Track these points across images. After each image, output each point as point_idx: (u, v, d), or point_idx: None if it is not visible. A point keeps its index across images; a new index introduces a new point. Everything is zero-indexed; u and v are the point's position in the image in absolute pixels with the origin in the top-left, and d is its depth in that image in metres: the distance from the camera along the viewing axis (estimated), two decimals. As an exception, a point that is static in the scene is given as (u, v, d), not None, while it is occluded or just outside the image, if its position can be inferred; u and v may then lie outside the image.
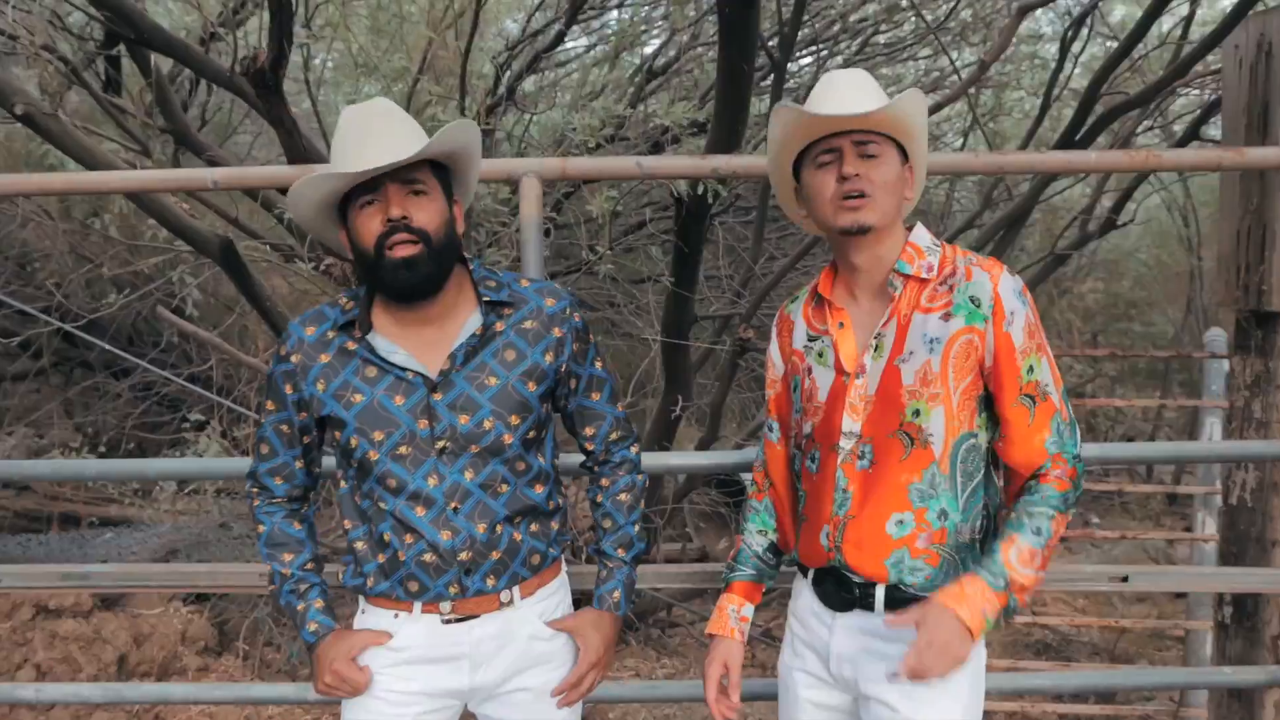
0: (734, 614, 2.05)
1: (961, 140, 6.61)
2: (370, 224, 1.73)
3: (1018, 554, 1.69)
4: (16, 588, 2.72)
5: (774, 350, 2.05)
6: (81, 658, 4.22)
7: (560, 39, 5.95)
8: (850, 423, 1.82)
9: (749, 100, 3.07)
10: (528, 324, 1.88)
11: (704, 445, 4.82)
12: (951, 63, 4.36)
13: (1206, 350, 4.29)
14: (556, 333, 1.90)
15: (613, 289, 6.68)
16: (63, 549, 5.36)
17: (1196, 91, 5.63)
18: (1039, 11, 6.19)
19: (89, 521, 6.16)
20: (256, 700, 2.85)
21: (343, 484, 1.93)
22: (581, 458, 2.11)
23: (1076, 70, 5.18)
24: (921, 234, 1.84)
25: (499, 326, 1.86)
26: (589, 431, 2.03)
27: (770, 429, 2.07)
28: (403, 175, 1.73)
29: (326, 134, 5.25)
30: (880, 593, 1.81)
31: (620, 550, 2.02)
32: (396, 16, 6.79)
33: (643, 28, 7.02)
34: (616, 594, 2.00)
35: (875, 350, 1.81)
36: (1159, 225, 9.29)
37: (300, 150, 2.87)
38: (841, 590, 1.85)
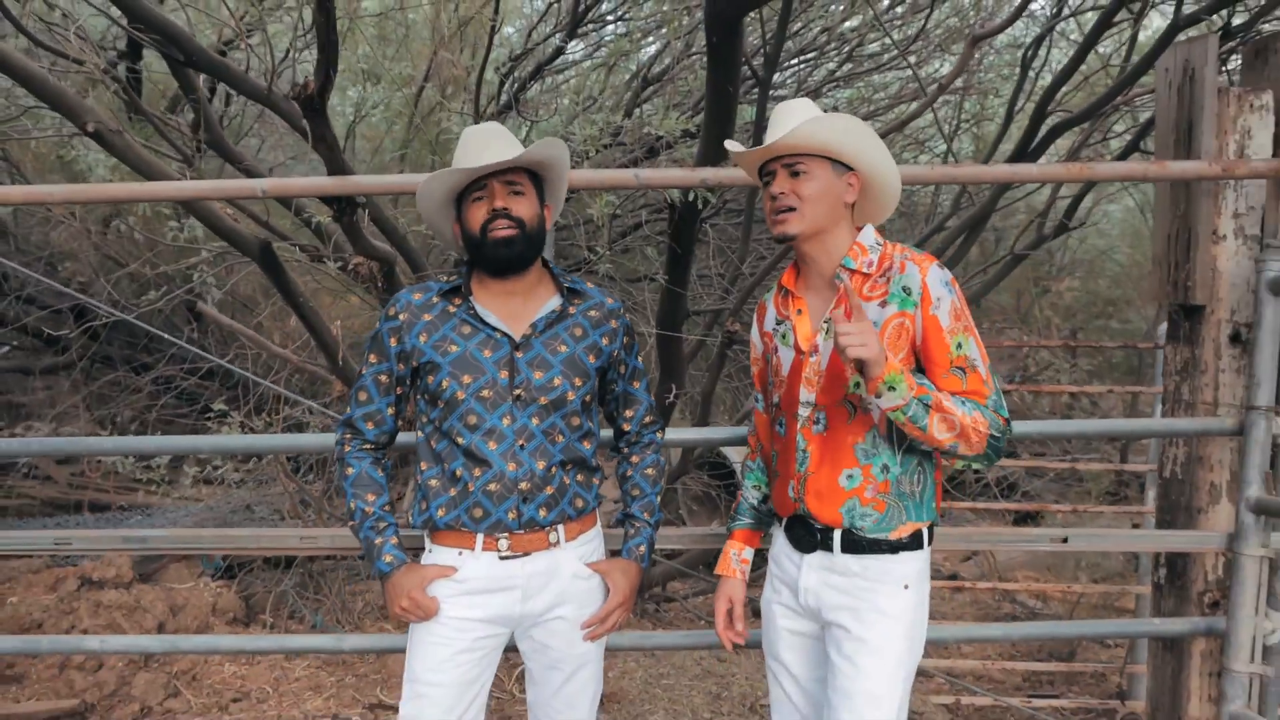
0: (735, 557, 2.46)
1: (946, 146, 6.94)
2: (478, 212, 2.22)
3: (946, 396, 2.02)
4: (86, 550, 3.05)
5: (754, 333, 2.44)
6: (125, 624, 4.55)
7: (560, 51, 6.25)
8: (806, 393, 2.19)
9: (734, 117, 3.41)
10: (592, 312, 2.35)
11: (696, 431, 5.13)
12: (917, 79, 4.70)
13: (1154, 342, 4.64)
14: (613, 324, 2.37)
15: (610, 287, 7.00)
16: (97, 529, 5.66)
17: (1140, 109, 5.94)
18: (1019, 21, 6.54)
19: (118, 506, 6.48)
20: (294, 650, 3.17)
21: (419, 434, 2.32)
22: (611, 437, 2.54)
23: (1044, 82, 5.51)
24: (868, 235, 2.19)
25: (571, 310, 2.32)
26: (628, 414, 2.48)
27: (757, 400, 2.47)
28: (506, 177, 2.23)
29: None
30: (838, 536, 2.17)
31: (646, 514, 2.46)
32: (402, 25, 7.11)
33: (639, 36, 7.31)
34: (642, 548, 2.43)
35: (826, 332, 2.18)
36: (1134, 226, 9.64)
37: (340, 164, 3.22)
38: (807, 534, 2.22)
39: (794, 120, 2.12)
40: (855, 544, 2.16)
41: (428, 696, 2.24)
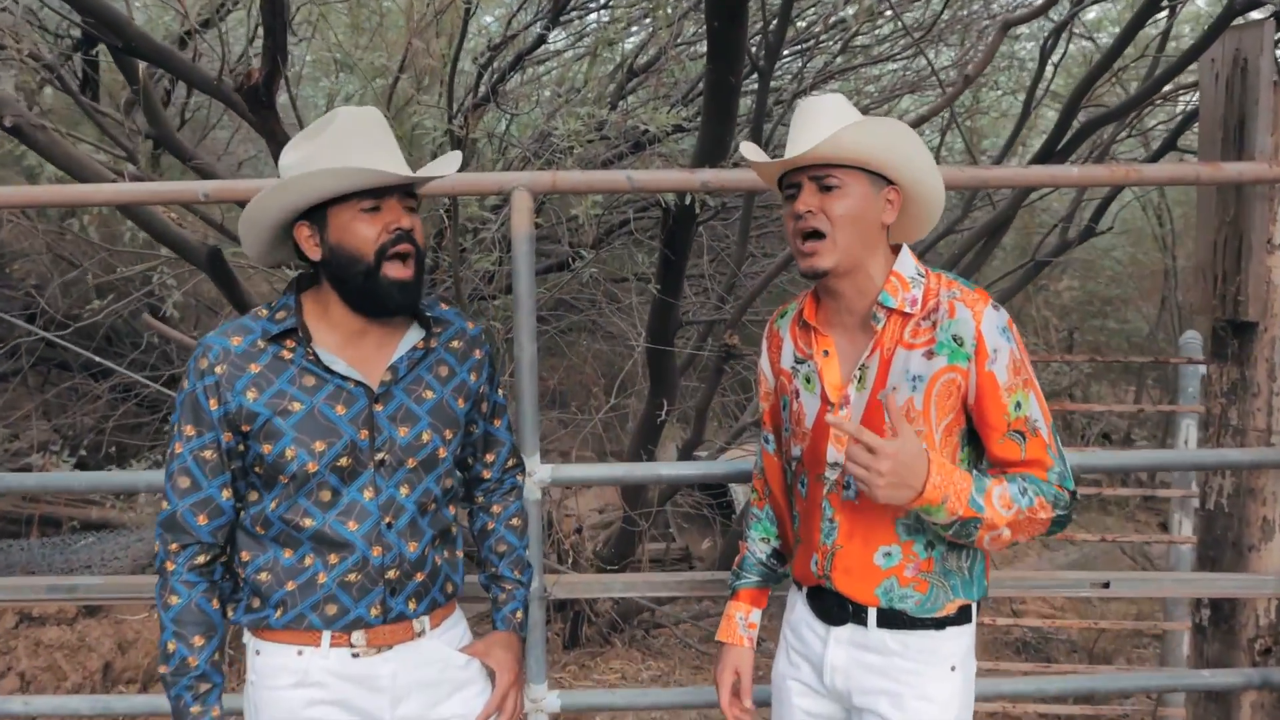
0: (741, 621, 2.10)
1: (939, 138, 6.64)
2: (369, 230, 1.74)
3: (1000, 494, 1.69)
4: (3, 600, 2.72)
5: (764, 363, 2.06)
6: (66, 665, 4.21)
7: (543, 40, 5.92)
8: (835, 453, 1.84)
9: (735, 112, 3.10)
10: (455, 343, 1.94)
11: (689, 448, 4.85)
12: (930, 65, 4.38)
13: (1182, 354, 4.36)
14: (477, 354, 1.97)
15: (593, 289, 6.67)
16: (44, 555, 5.30)
17: (1173, 104, 5.69)
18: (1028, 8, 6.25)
19: (70, 525, 6.10)
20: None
21: (241, 512, 1.85)
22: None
23: (1053, 74, 5.21)
24: (906, 262, 1.82)
25: (433, 343, 1.90)
26: (489, 458, 2.08)
27: (766, 440, 2.10)
28: (407, 190, 1.79)
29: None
30: (873, 612, 1.84)
31: (516, 572, 2.08)
32: (375, 13, 6.76)
33: (623, 25, 7.00)
34: (519, 614, 2.06)
35: (859, 382, 1.82)
36: (1134, 224, 9.40)
37: (291, 163, 2.87)
38: (835, 605, 1.88)
39: (824, 122, 1.74)
40: (894, 619, 1.84)
41: None
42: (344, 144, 1.72)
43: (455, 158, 1.87)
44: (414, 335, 1.89)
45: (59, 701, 2.86)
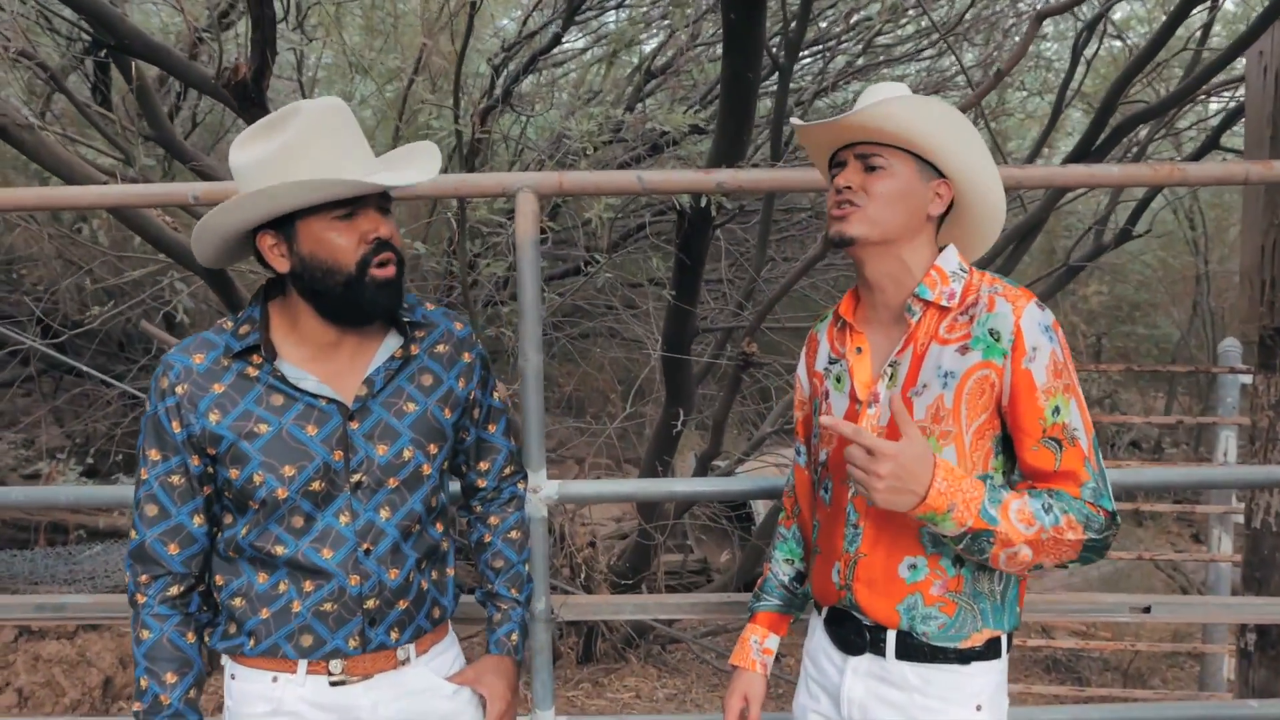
0: (756, 646, 1.97)
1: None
2: (344, 240, 1.60)
3: (1020, 509, 1.56)
4: (-9, 620, 2.61)
5: (801, 370, 1.95)
6: (65, 681, 4.10)
7: (557, 40, 5.82)
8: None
9: (754, 110, 2.95)
10: (440, 347, 1.79)
11: (706, 459, 4.70)
12: (959, 62, 4.22)
13: (1221, 363, 4.18)
14: (467, 357, 1.82)
15: (610, 294, 6.56)
16: (48, 566, 5.22)
17: (1205, 105, 5.51)
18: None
19: (77, 535, 6.02)
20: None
21: (217, 535, 1.75)
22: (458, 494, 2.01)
23: (1083, 73, 5.04)
24: (950, 257, 1.71)
25: (414, 350, 1.76)
26: (483, 466, 1.93)
27: (798, 452, 1.98)
28: (382, 196, 1.64)
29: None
30: (891, 638, 1.70)
31: (514, 590, 1.93)
32: (390, 16, 6.68)
33: (641, 25, 6.90)
34: (514, 636, 1.91)
35: (890, 379, 1.70)
36: (1164, 227, 9.19)
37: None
38: (854, 632, 1.75)
39: (870, 102, 1.64)
40: (914, 650, 1.69)
41: None
42: (310, 146, 1.57)
43: (434, 157, 1.71)
44: (392, 343, 1.75)
45: (46, 725, 2.75)
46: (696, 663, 5.18)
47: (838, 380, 1.79)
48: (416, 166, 1.68)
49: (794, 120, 1.77)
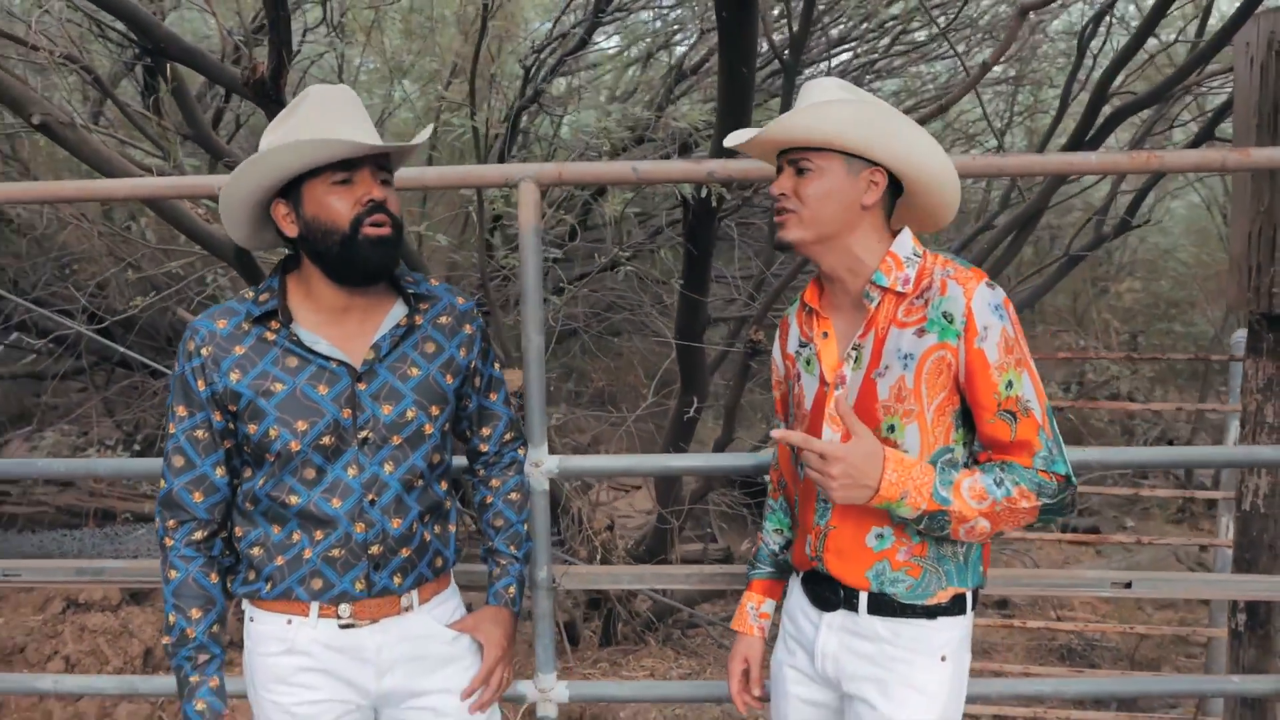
0: (753, 611, 2.12)
1: (997, 141, 6.52)
2: (340, 202, 1.77)
3: (971, 486, 1.68)
4: (36, 582, 2.80)
5: (776, 353, 2.07)
6: (109, 650, 4.33)
7: (585, 42, 5.96)
8: (830, 433, 1.82)
9: (750, 104, 3.06)
10: (443, 319, 1.96)
11: (720, 446, 4.81)
12: (962, 62, 4.29)
13: (1234, 352, 4.20)
14: (468, 329, 1.98)
15: (638, 289, 6.68)
16: (95, 544, 5.48)
17: (1203, 96, 5.49)
18: (1077, 5, 6.08)
19: (124, 517, 6.28)
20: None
21: (237, 488, 1.91)
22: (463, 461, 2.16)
23: (1092, 64, 5.06)
24: (904, 243, 1.80)
25: (418, 320, 1.92)
26: (485, 432, 2.09)
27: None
28: (379, 162, 1.81)
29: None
30: (864, 597, 1.82)
31: (512, 547, 2.09)
32: (428, 19, 6.87)
33: (675, 27, 7.00)
34: (512, 589, 2.06)
35: (855, 362, 1.81)
36: (1199, 223, 9.12)
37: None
38: (827, 591, 1.87)
39: (799, 112, 1.74)
40: (884, 605, 1.81)
41: None
42: (314, 120, 1.75)
43: (424, 132, 1.91)
44: (398, 312, 1.91)
45: (86, 681, 2.95)
46: (715, 647, 5.28)
47: (807, 363, 1.90)
48: (401, 139, 1.91)
49: (726, 140, 1.87)
